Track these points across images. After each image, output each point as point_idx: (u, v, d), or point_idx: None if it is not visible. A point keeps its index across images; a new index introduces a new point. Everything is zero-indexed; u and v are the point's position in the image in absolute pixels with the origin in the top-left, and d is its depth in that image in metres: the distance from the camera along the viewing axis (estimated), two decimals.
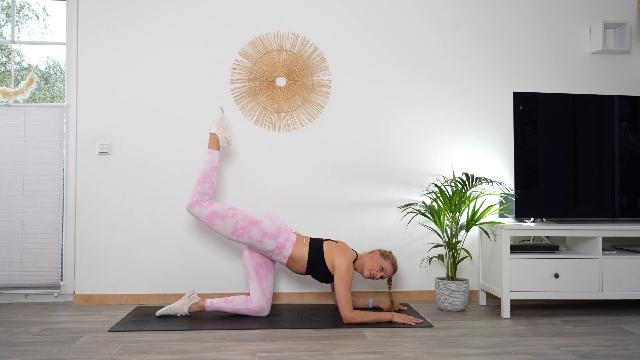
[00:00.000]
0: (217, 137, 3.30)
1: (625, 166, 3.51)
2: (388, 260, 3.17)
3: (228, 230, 3.10)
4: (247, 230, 3.08)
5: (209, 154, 3.24)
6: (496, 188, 3.66)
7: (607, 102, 3.51)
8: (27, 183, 3.55)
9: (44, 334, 2.79)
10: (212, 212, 3.11)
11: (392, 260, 3.19)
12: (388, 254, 3.20)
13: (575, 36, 3.85)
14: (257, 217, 3.11)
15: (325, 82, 3.66)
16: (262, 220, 3.10)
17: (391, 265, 3.18)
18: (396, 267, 3.21)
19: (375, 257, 3.17)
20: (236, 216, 3.10)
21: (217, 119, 3.36)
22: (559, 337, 2.78)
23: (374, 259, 3.16)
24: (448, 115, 3.75)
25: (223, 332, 2.82)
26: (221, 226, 3.10)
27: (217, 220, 3.10)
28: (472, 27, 3.78)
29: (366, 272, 3.16)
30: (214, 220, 3.11)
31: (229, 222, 3.09)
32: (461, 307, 3.34)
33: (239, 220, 3.08)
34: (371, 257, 3.18)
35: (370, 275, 3.15)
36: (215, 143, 3.29)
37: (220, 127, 3.34)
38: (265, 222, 3.09)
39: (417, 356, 2.44)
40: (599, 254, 3.25)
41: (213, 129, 3.32)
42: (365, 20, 3.71)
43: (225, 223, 3.09)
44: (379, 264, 3.15)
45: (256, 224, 3.08)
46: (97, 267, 3.55)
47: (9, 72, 4.68)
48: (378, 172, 3.69)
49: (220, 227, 3.11)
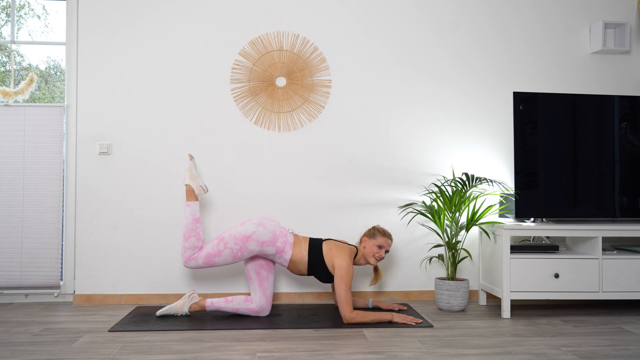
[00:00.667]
0: (191, 187, 3.24)
1: (625, 166, 3.51)
2: (379, 236, 3.19)
3: (229, 260, 3.11)
4: (244, 249, 3.07)
5: (188, 207, 3.20)
6: (496, 188, 3.66)
7: (607, 102, 3.51)
8: (27, 183, 3.55)
9: (44, 334, 2.79)
10: (206, 257, 3.11)
11: (382, 233, 3.20)
12: (374, 232, 3.21)
13: (575, 36, 3.85)
14: (247, 230, 3.08)
15: (325, 82, 3.66)
16: (255, 230, 3.08)
17: (383, 237, 3.20)
18: (389, 235, 3.22)
19: (367, 243, 3.19)
20: (228, 244, 3.08)
21: (187, 168, 3.28)
22: (559, 337, 2.78)
23: (368, 245, 3.18)
24: (448, 115, 3.75)
25: (223, 332, 2.82)
26: (221, 260, 3.11)
27: (214, 260, 3.11)
28: (472, 27, 3.78)
29: (372, 260, 3.18)
30: (212, 261, 3.12)
31: (225, 254, 3.09)
32: (461, 307, 3.34)
33: (232, 247, 3.07)
34: (364, 247, 3.20)
35: (378, 260, 3.19)
36: (192, 194, 3.23)
37: (192, 177, 3.25)
38: (258, 232, 3.08)
39: (417, 356, 2.44)
40: (599, 254, 3.25)
41: (186, 180, 3.25)
42: (366, 20, 3.71)
43: (222, 257, 3.10)
44: (374, 245, 3.17)
45: (249, 238, 3.07)
46: (97, 267, 3.55)
47: (9, 72, 4.68)
48: (378, 172, 3.69)
49: (221, 262, 3.12)
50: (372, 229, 3.23)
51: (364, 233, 3.26)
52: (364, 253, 3.20)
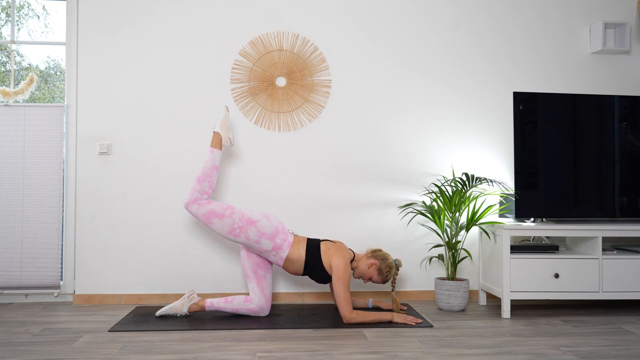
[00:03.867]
0: (220, 136, 3.29)
1: (625, 166, 3.51)
2: (380, 277, 3.17)
3: (225, 229, 3.09)
4: (244, 230, 3.07)
5: (211, 152, 3.23)
6: (496, 188, 3.66)
7: (607, 102, 3.51)
8: (27, 183, 3.55)
9: (44, 334, 2.79)
10: (210, 211, 3.11)
11: (384, 277, 3.18)
12: (384, 271, 3.16)
13: (575, 36, 3.85)
14: (254, 217, 3.10)
15: (325, 82, 3.66)
16: (260, 220, 3.09)
17: (381, 280, 3.19)
18: (385, 280, 3.19)
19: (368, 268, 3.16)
20: (234, 216, 3.09)
21: (222, 118, 3.34)
22: (559, 337, 2.79)
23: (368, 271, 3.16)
24: (448, 115, 3.75)
25: (223, 332, 2.82)
26: (218, 225, 3.10)
27: (214, 219, 3.10)
28: (472, 27, 3.78)
29: (355, 274, 3.20)
30: (211, 219, 3.11)
31: (226, 222, 3.08)
32: (461, 307, 3.34)
33: (236, 220, 3.08)
34: (368, 267, 3.16)
35: (359, 278, 3.22)
36: (218, 142, 3.27)
37: (224, 127, 3.32)
38: (262, 222, 3.09)
39: (417, 356, 2.44)
40: (599, 254, 3.25)
41: (217, 128, 3.30)
42: (365, 20, 3.71)
43: (222, 222, 3.09)
44: (369, 275, 3.17)
45: (253, 224, 3.08)
46: (97, 267, 3.55)
47: (9, 72, 4.68)
48: (378, 172, 3.69)
49: (217, 226, 3.10)
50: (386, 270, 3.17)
51: (378, 255, 3.19)
52: (358, 266, 3.18)
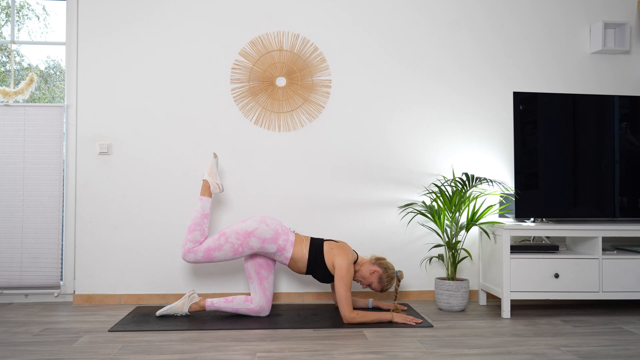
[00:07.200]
0: (208, 183, 3.27)
1: (625, 166, 3.51)
2: (380, 285, 3.16)
3: (229, 254, 3.09)
4: (245, 245, 3.07)
5: (200, 200, 3.22)
6: (496, 188, 3.66)
7: (607, 102, 3.51)
8: (27, 183, 3.55)
9: (44, 334, 2.79)
10: (206, 250, 3.10)
11: (383, 286, 3.17)
12: (384, 280, 3.15)
13: (575, 36, 3.85)
14: (250, 227, 3.09)
15: (325, 82, 3.66)
16: (257, 227, 3.08)
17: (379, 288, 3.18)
18: (384, 289, 3.18)
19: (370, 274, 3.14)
20: (229, 239, 3.08)
21: (210, 165, 3.33)
22: (559, 337, 2.79)
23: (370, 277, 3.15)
24: (448, 115, 3.75)
25: (223, 332, 2.82)
26: (221, 255, 3.09)
27: (214, 254, 3.09)
28: (472, 27, 3.78)
29: (356, 277, 3.20)
30: (212, 255, 3.10)
31: (226, 249, 3.08)
32: (461, 307, 3.34)
33: (233, 242, 3.07)
34: (370, 273, 3.15)
35: (358, 281, 3.22)
36: (207, 190, 3.26)
37: (212, 174, 3.30)
38: (260, 229, 3.08)
39: (417, 356, 2.44)
40: (599, 254, 3.25)
41: (205, 176, 3.29)
42: (366, 20, 3.71)
43: (223, 251, 3.08)
44: (369, 281, 3.16)
45: (251, 234, 3.07)
46: (97, 267, 3.55)
47: (9, 72, 4.68)
48: (378, 172, 3.69)
49: (221, 256, 3.10)
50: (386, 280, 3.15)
51: (382, 264, 3.18)
52: (360, 270, 3.17)
